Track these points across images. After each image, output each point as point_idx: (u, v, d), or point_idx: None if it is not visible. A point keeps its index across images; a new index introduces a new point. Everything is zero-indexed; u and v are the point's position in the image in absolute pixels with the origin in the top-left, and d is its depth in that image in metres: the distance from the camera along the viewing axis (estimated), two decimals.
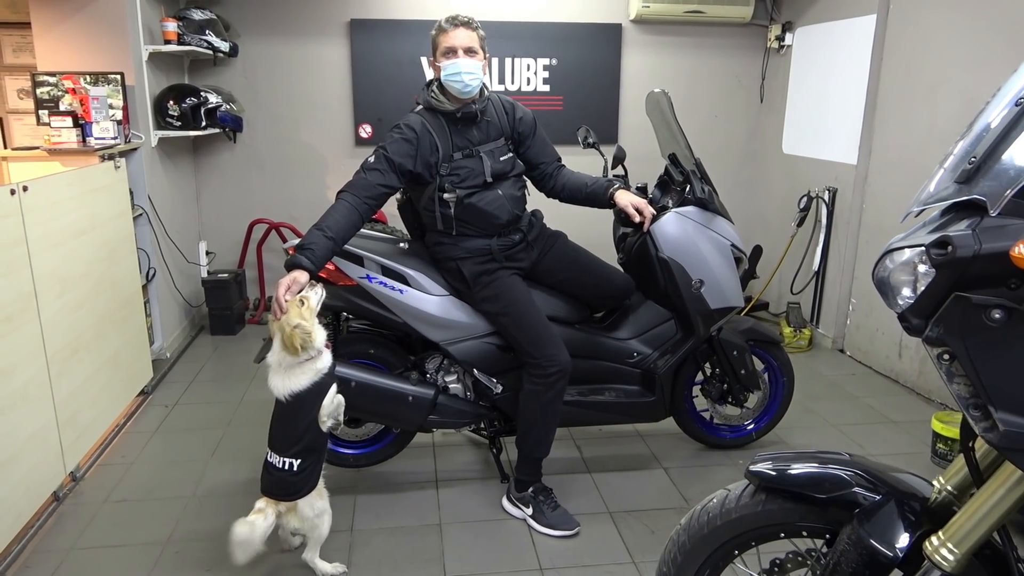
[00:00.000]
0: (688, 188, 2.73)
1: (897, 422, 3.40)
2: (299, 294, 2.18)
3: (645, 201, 2.67)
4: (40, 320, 2.55)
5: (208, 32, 4.16)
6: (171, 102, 4.04)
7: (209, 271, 4.67)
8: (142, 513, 2.63)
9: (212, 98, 4.21)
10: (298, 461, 2.17)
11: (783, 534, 1.33)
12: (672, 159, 2.88)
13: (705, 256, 2.69)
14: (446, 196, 2.46)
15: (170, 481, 2.84)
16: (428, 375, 2.70)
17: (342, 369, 2.42)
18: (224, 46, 4.24)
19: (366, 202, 2.36)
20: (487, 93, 2.57)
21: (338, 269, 2.53)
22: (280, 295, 2.16)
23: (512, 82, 4.85)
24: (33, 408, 2.50)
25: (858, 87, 4.07)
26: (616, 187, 2.68)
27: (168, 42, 3.98)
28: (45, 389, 2.58)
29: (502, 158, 2.55)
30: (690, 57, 5.00)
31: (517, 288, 2.55)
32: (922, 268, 1.05)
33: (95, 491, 2.76)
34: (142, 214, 3.81)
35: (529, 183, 2.74)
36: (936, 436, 2.98)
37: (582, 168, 2.83)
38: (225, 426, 3.31)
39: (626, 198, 2.65)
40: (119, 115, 3.59)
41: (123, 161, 3.42)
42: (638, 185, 2.93)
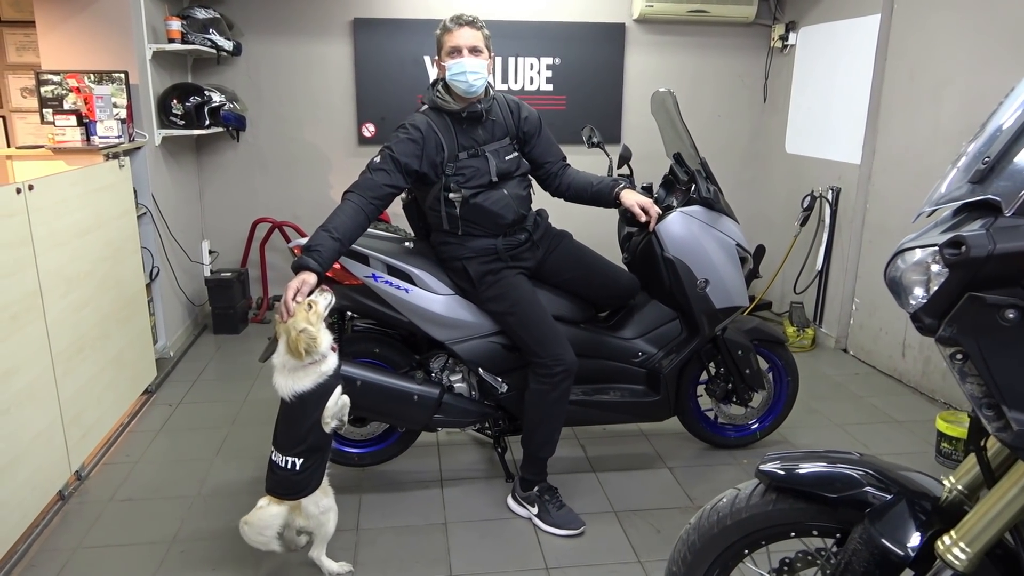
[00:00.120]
0: (693, 187, 2.73)
1: (901, 422, 3.40)
2: (308, 298, 2.18)
3: (651, 201, 2.67)
4: (45, 319, 2.55)
5: (212, 31, 4.16)
6: (175, 101, 4.04)
7: (212, 270, 4.68)
8: (147, 512, 2.63)
9: (216, 97, 4.21)
10: (301, 460, 2.17)
11: (793, 533, 1.33)
12: (677, 158, 2.88)
13: (710, 256, 2.69)
14: (452, 196, 2.46)
15: (175, 480, 2.85)
16: (433, 374, 2.70)
17: (348, 368, 2.42)
18: (228, 45, 4.25)
19: (372, 203, 2.36)
20: (492, 92, 2.56)
21: (344, 268, 2.53)
22: (289, 297, 2.15)
23: (515, 81, 4.85)
24: (39, 407, 2.50)
25: (862, 87, 4.07)
26: (622, 186, 2.67)
27: (172, 41, 3.97)
28: (50, 388, 2.58)
29: (507, 157, 2.55)
30: (693, 57, 4.99)
31: (523, 287, 2.55)
32: (935, 268, 1.05)
33: (100, 490, 2.76)
34: (146, 213, 3.81)
35: (534, 182, 2.74)
36: (940, 435, 2.98)
37: (586, 167, 2.83)
38: (229, 425, 3.31)
39: (632, 197, 2.65)
40: (123, 114, 3.59)
41: (127, 160, 3.42)
42: (643, 185, 2.93)
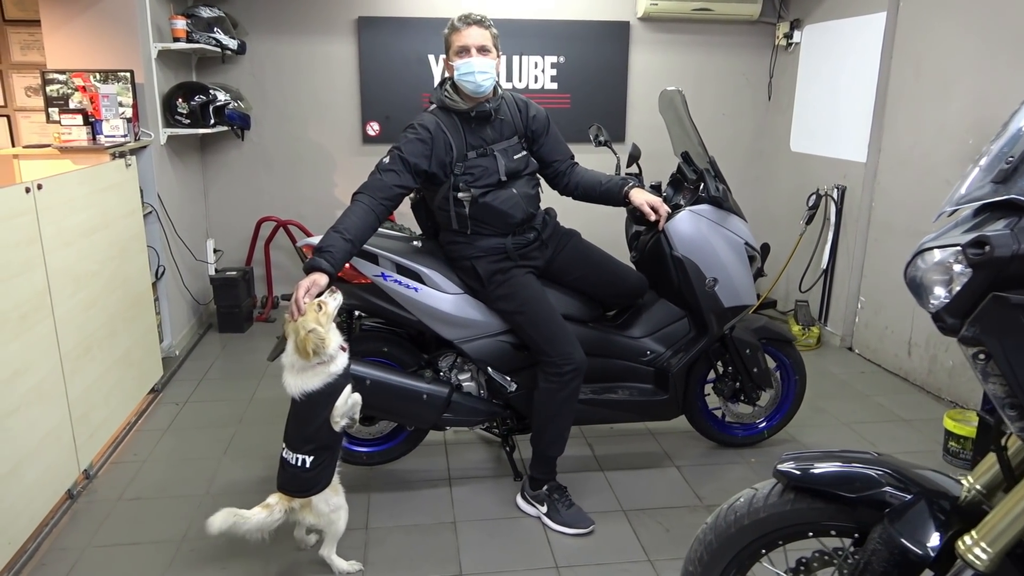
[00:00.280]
0: (702, 186, 2.73)
1: (908, 420, 3.40)
2: (318, 298, 2.18)
3: (660, 199, 2.67)
4: (54, 318, 2.55)
5: (216, 30, 4.16)
6: (180, 100, 4.04)
7: (217, 269, 4.67)
8: (156, 511, 2.63)
9: (220, 96, 4.21)
10: (311, 458, 2.17)
11: (811, 533, 1.33)
12: (685, 157, 2.88)
13: (719, 254, 2.69)
14: (460, 195, 2.46)
15: (183, 479, 2.85)
16: (442, 373, 2.70)
17: (357, 367, 2.41)
18: (232, 44, 4.24)
19: (382, 203, 2.36)
20: (500, 91, 2.56)
21: (353, 267, 2.53)
22: (299, 297, 2.15)
23: (520, 80, 4.85)
24: (47, 407, 2.50)
25: (867, 85, 4.06)
26: (631, 185, 2.67)
27: (177, 40, 3.98)
28: (59, 387, 2.58)
29: (516, 156, 2.55)
30: (698, 55, 4.99)
31: (532, 286, 2.55)
32: (958, 268, 1.05)
33: (109, 489, 2.76)
34: (151, 212, 3.80)
35: (542, 181, 2.73)
36: (948, 434, 2.98)
37: (592, 166, 2.82)
38: (236, 424, 3.31)
39: (641, 196, 2.64)
40: (129, 113, 3.59)
41: (134, 159, 3.42)
42: (652, 184, 2.93)
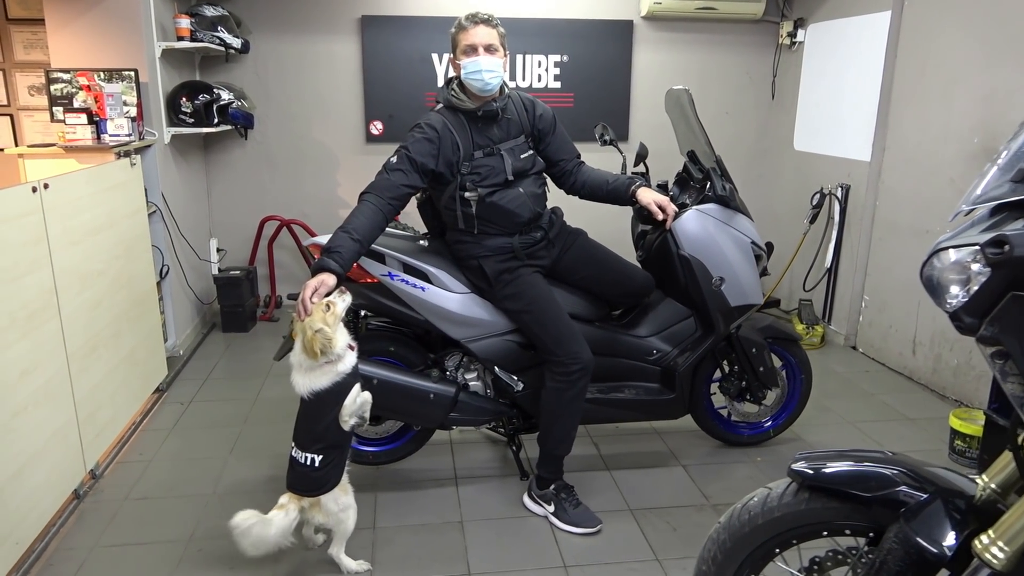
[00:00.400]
0: (708, 185, 2.73)
1: (913, 419, 3.40)
2: (326, 298, 2.18)
3: (667, 199, 2.67)
4: (61, 318, 2.55)
5: (220, 28, 4.15)
6: (184, 99, 4.03)
7: (220, 268, 4.67)
8: (163, 511, 2.63)
9: (224, 95, 4.20)
10: (320, 457, 2.17)
11: (826, 532, 1.33)
12: (691, 156, 2.88)
13: (726, 254, 2.69)
14: (467, 195, 2.46)
15: (189, 478, 2.84)
16: (448, 372, 2.70)
17: (364, 367, 2.41)
18: (236, 43, 4.24)
19: (390, 203, 2.36)
20: (507, 90, 2.56)
21: (359, 266, 2.52)
22: (307, 296, 2.15)
23: (523, 79, 4.84)
24: (54, 406, 2.49)
25: (872, 84, 4.06)
26: (638, 184, 2.67)
27: (181, 39, 3.97)
28: (66, 387, 2.58)
29: (522, 156, 2.55)
30: (701, 53, 4.99)
31: (539, 286, 2.54)
32: (975, 267, 1.05)
33: (115, 489, 2.76)
34: (156, 211, 3.80)
35: (549, 180, 2.73)
36: (954, 433, 2.98)
37: (598, 165, 2.82)
38: (241, 423, 3.31)
39: (648, 195, 2.64)
40: (133, 112, 3.58)
41: (139, 158, 3.41)
42: (658, 183, 2.92)
